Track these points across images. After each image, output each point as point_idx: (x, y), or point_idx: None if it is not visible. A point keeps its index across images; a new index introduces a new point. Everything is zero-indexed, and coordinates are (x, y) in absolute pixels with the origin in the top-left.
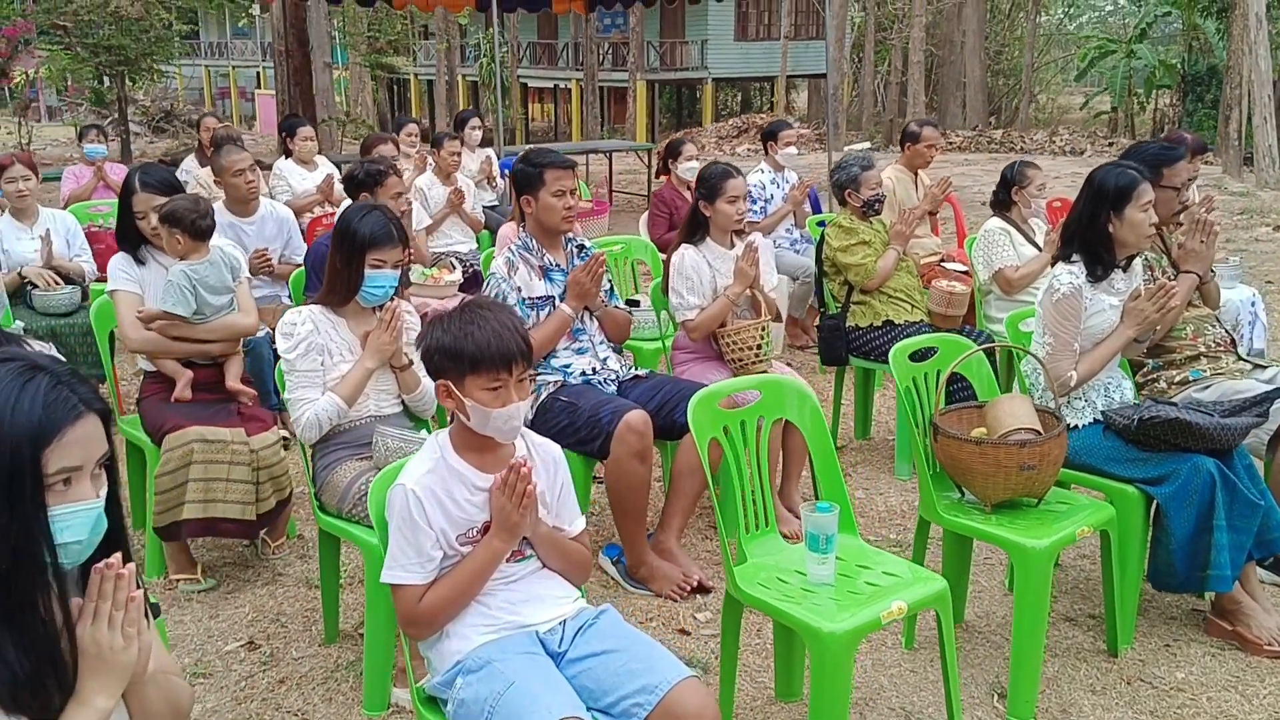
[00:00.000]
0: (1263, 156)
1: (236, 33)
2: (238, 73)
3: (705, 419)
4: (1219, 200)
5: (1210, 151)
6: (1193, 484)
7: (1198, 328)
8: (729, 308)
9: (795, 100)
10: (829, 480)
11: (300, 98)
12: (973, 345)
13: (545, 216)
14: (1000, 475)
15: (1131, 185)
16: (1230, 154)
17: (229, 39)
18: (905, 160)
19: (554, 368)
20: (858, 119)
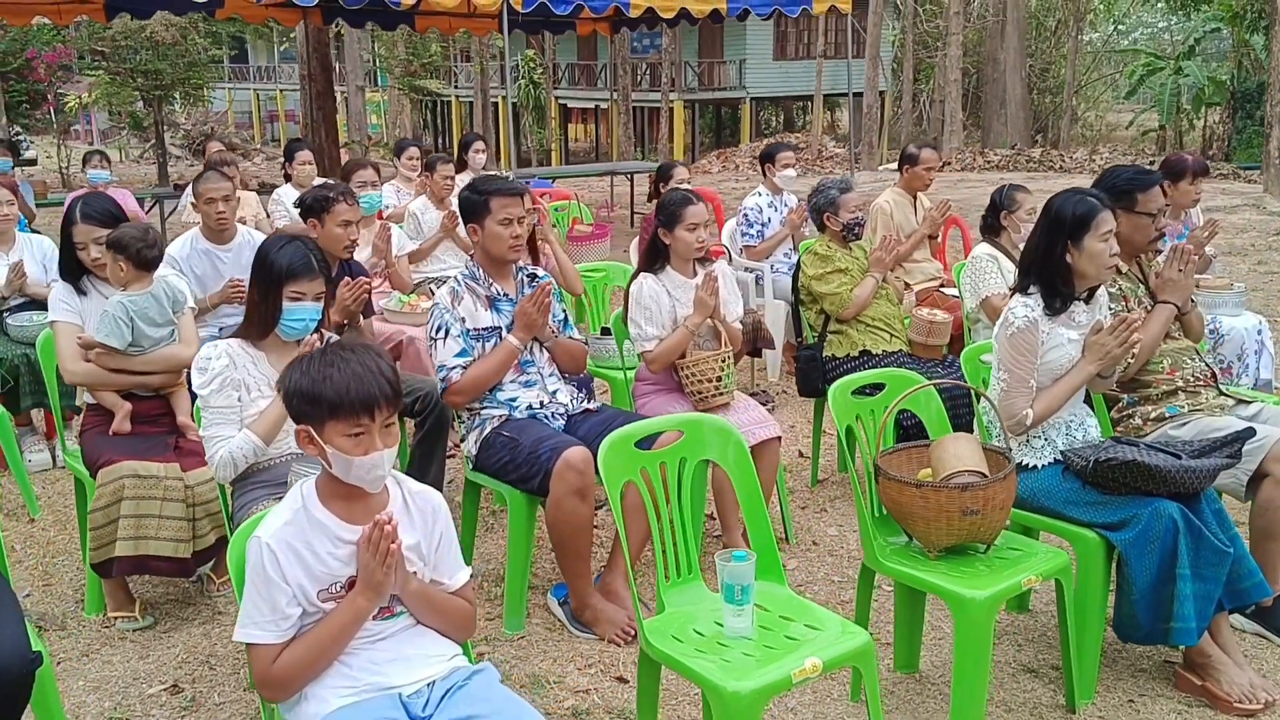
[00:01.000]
0: None
1: (284, 57)
2: (285, 96)
3: (619, 462)
4: (1254, 220)
5: (1257, 171)
6: (1154, 530)
7: (1176, 361)
8: (688, 339)
9: (840, 119)
10: (755, 525)
11: (323, 121)
12: (922, 380)
13: (491, 245)
14: (943, 520)
15: (1090, 214)
16: (1272, 172)
17: (276, 63)
18: (904, 183)
19: (499, 401)
20: (898, 137)
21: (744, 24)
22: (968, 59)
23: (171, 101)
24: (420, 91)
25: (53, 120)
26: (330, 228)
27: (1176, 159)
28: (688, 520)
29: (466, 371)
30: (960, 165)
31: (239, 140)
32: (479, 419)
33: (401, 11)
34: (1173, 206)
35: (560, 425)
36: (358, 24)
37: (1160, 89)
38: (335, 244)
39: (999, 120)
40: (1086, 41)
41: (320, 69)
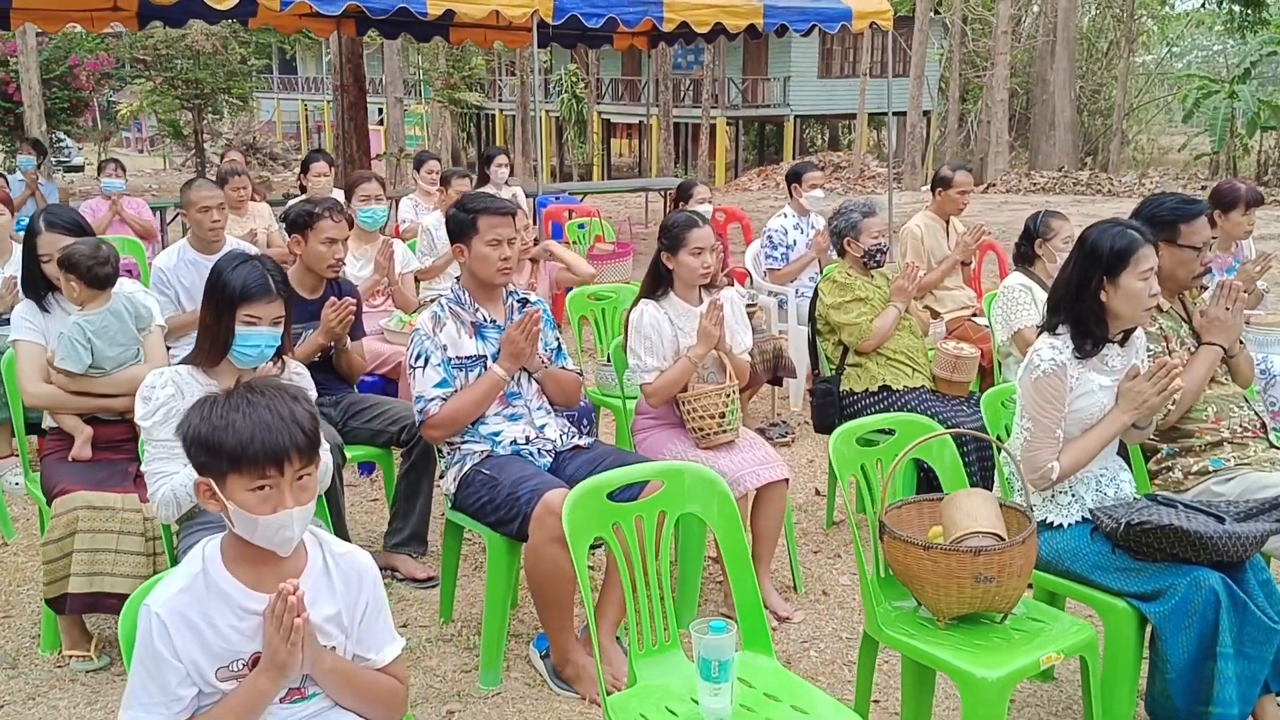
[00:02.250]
0: None
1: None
2: (331, 107)
3: (587, 516)
4: None
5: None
6: (1192, 602)
7: (1221, 409)
8: (691, 370)
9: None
10: (741, 589)
11: (355, 132)
12: (937, 427)
13: (479, 267)
14: (953, 587)
15: (1130, 248)
16: None
17: (324, 74)
18: (936, 207)
19: (482, 435)
20: (944, 157)
21: (789, 41)
22: (1017, 79)
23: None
24: (460, 104)
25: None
26: (314, 245)
27: (1228, 187)
28: (666, 581)
29: (446, 404)
30: (1005, 187)
31: (281, 150)
32: (459, 454)
33: (435, 23)
34: (1223, 238)
35: (546, 463)
36: (391, 35)
37: (1213, 113)
38: (319, 262)
39: (1048, 142)
40: (1140, 64)
41: (353, 80)
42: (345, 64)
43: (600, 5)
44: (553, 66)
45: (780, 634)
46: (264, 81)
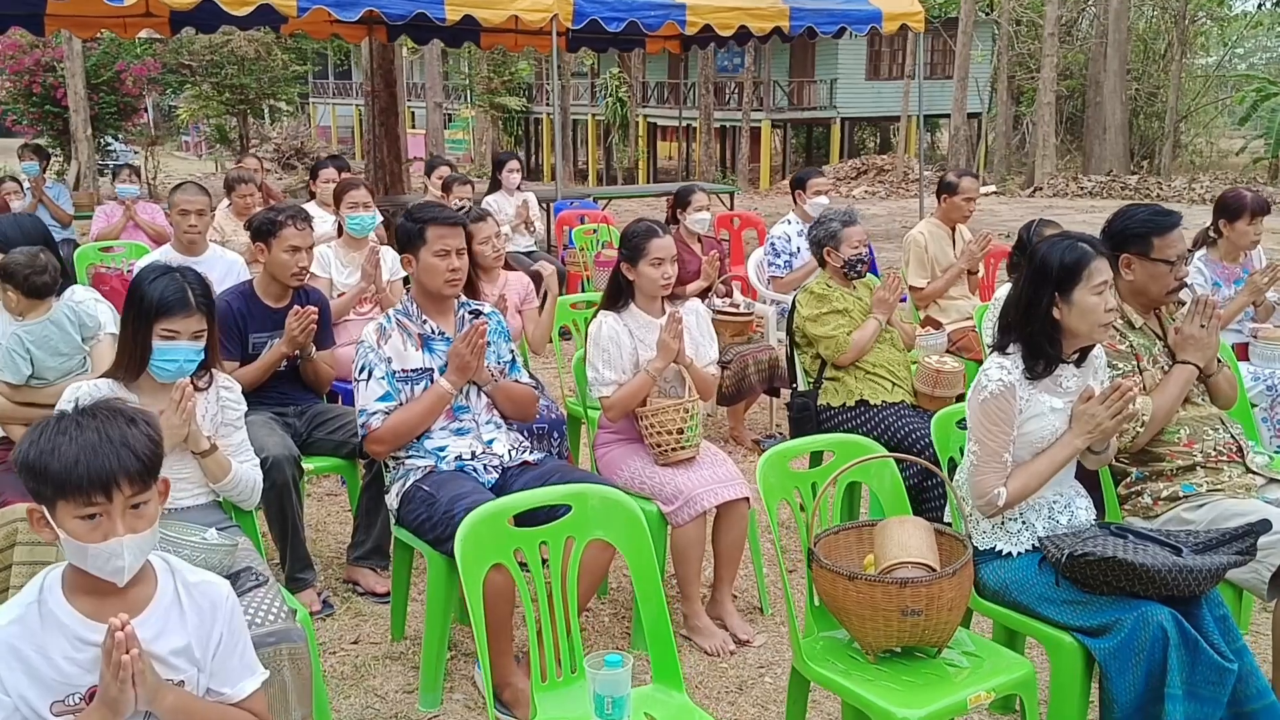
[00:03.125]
0: None
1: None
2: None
3: (483, 541)
4: None
5: None
6: (1139, 639)
7: (1195, 431)
8: (649, 384)
9: (939, 140)
10: (652, 620)
11: (385, 137)
12: (878, 448)
13: (426, 278)
14: (880, 620)
15: (1081, 262)
16: None
17: None
18: (941, 214)
19: (426, 450)
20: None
21: (835, 43)
22: (1072, 81)
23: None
24: (500, 109)
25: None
26: (277, 253)
27: (1233, 195)
28: (574, 610)
29: (389, 418)
30: (1052, 191)
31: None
32: (402, 469)
33: (464, 29)
34: (1229, 248)
35: (491, 480)
36: (423, 40)
37: (1271, 115)
38: (283, 270)
39: (1100, 145)
40: (1200, 65)
41: (384, 85)
42: (376, 69)
43: (621, 9)
44: (599, 70)
45: (738, 658)
46: (320, 87)
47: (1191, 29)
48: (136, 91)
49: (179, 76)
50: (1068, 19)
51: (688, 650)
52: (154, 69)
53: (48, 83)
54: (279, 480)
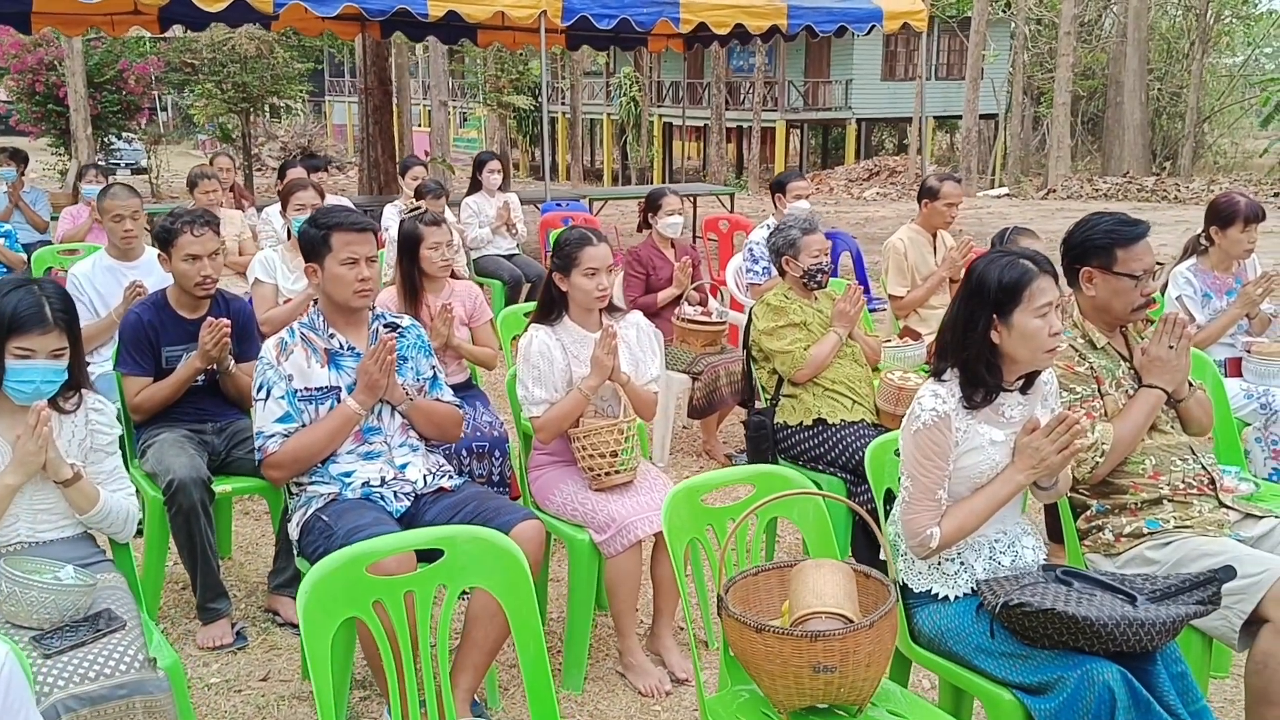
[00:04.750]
0: None
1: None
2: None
3: (336, 593)
4: None
5: None
6: (1083, 700)
7: (1161, 461)
8: (583, 403)
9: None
10: (531, 673)
11: (380, 136)
12: (803, 482)
13: (333, 289)
14: (790, 677)
15: (1021, 281)
16: None
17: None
18: (922, 219)
19: (331, 476)
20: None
21: (850, 43)
22: (1093, 81)
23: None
24: (508, 108)
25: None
26: (176, 263)
27: (1225, 201)
28: (444, 665)
29: (288, 440)
30: (1066, 193)
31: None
32: (305, 496)
33: (463, 27)
34: (1221, 257)
35: (401, 508)
36: (417, 38)
37: None
38: (185, 281)
39: (1120, 146)
40: (1225, 65)
41: (378, 82)
42: (370, 66)
43: (612, 6)
44: (614, 69)
45: (674, 699)
46: (335, 85)
47: (1215, 28)
48: (140, 90)
49: (182, 75)
50: (1089, 18)
51: (622, 690)
52: (157, 67)
53: (50, 82)
54: (185, 504)
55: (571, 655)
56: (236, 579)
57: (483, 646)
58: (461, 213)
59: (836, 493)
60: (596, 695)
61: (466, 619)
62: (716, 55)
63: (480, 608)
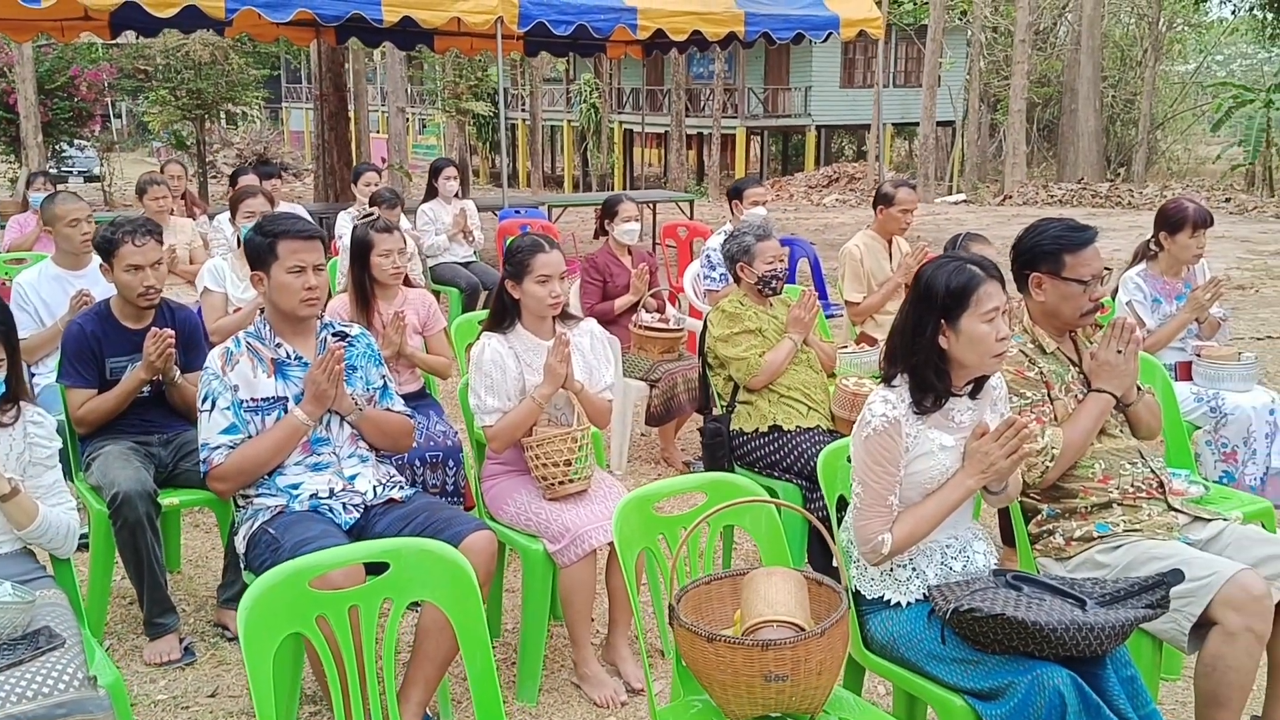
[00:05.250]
0: None
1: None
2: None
3: (277, 608)
4: None
5: None
6: (1034, 705)
7: (1111, 465)
8: (536, 412)
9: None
10: (480, 688)
11: (336, 142)
12: (756, 489)
13: (280, 298)
14: (741, 686)
15: (969, 287)
16: None
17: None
18: (878, 226)
19: (278, 489)
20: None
21: (810, 50)
22: (1048, 89)
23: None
24: (467, 114)
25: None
26: (119, 273)
27: (1174, 207)
28: (390, 681)
29: (234, 452)
30: (1022, 199)
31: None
32: (251, 509)
33: (419, 32)
34: (1171, 262)
35: (350, 520)
36: (373, 44)
37: (1248, 123)
38: (128, 292)
39: (1074, 152)
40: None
41: (333, 89)
42: (325, 72)
43: (569, 12)
44: (575, 75)
45: (629, 709)
46: (293, 92)
47: (1167, 35)
48: (92, 97)
49: (135, 81)
50: (1043, 26)
51: (577, 701)
52: (110, 74)
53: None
54: (130, 518)
55: (526, 666)
56: (185, 593)
57: (434, 659)
58: (418, 220)
59: (792, 499)
60: (551, 707)
61: (417, 632)
62: (676, 62)
63: (430, 621)
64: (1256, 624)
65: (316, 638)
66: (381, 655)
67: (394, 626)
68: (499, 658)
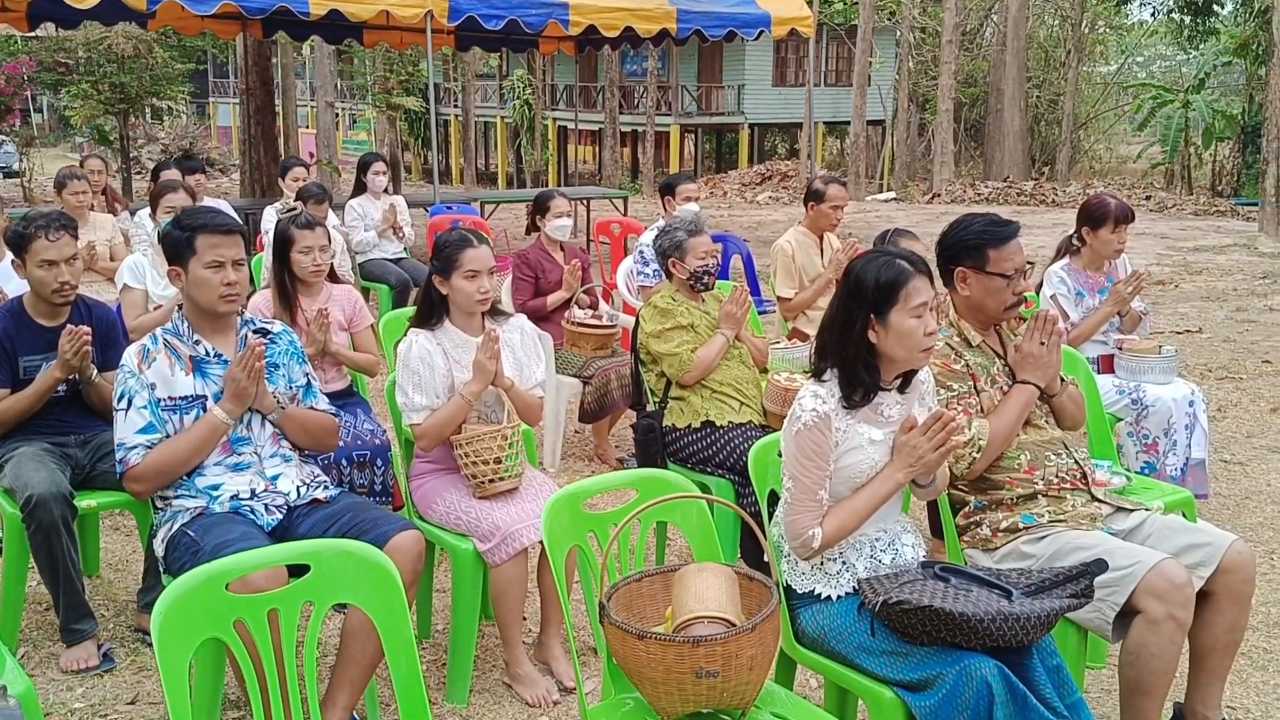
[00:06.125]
0: None
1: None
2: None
3: (193, 613)
4: (1243, 262)
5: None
6: (962, 696)
7: (1036, 457)
8: (465, 410)
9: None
10: (407, 693)
11: (262, 138)
12: (687, 485)
13: (198, 293)
14: (672, 684)
15: (898, 281)
16: (1267, 211)
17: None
18: (809, 222)
19: (198, 490)
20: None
21: (743, 49)
22: (975, 89)
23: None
24: (398, 110)
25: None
26: (31, 269)
27: (1096, 203)
28: (313, 687)
29: (151, 452)
30: (950, 198)
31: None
32: (170, 510)
33: (347, 26)
34: (1093, 257)
35: (273, 522)
36: (301, 37)
37: (1167, 123)
38: (41, 288)
39: (1000, 151)
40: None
41: (260, 83)
42: (252, 67)
43: (500, 7)
44: (508, 71)
45: (561, 708)
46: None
47: (1090, 37)
48: (10, 90)
49: (56, 75)
50: (970, 27)
51: (509, 701)
52: (29, 67)
53: None
54: (45, 521)
55: (456, 667)
56: (105, 597)
57: (359, 662)
58: (346, 215)
59: (725, 494)
60: (482, 708)
61: (342, 635)
62: (609, 59)
63: (355, 623)
64: (1178, 612)
65: (234, 643)
66: (303, 660)
67: (315, 630)
68: (430, 659)
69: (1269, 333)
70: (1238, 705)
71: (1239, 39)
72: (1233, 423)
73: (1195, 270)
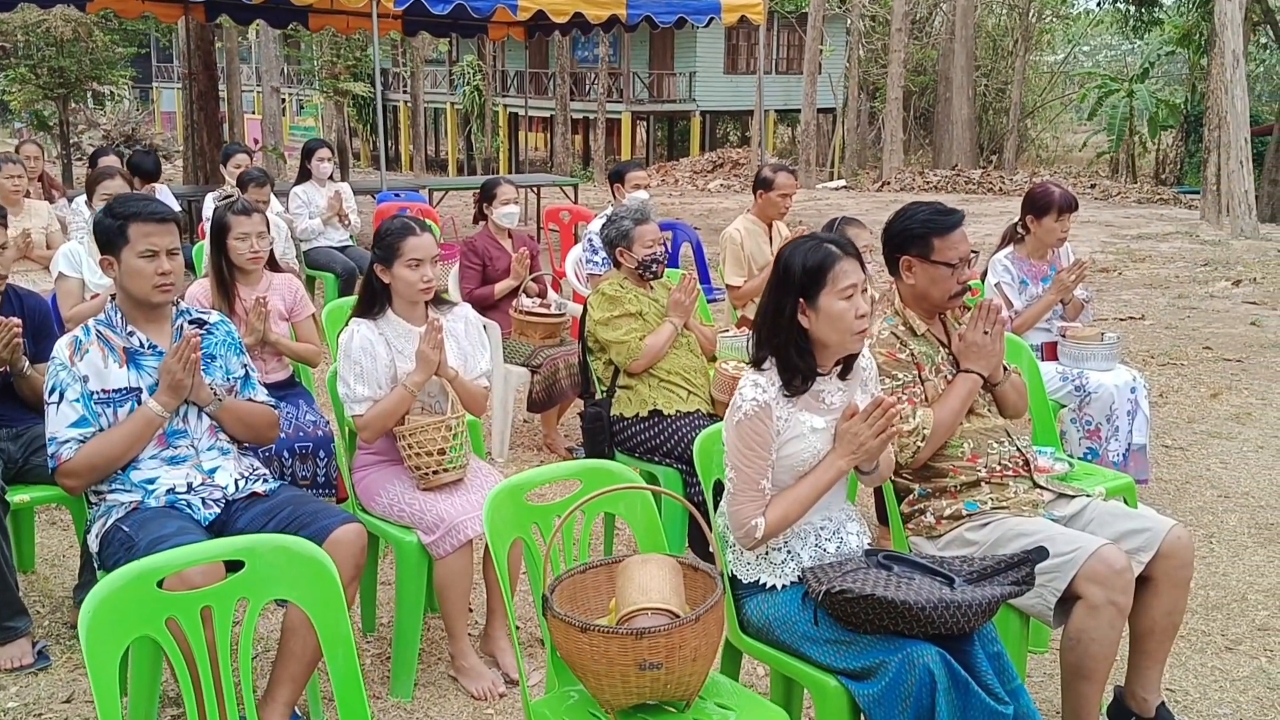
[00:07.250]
0: (1238, 203)
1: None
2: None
3: (124, 611)
4: (1184, 249)
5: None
6: (905, 683)
7: (979, 445)
8: (408, 400)
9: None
10: (345, 689)
11: (205, 123)
12: (632, 476)
13: (132, 283)
14: (616, 676)
15: (825, 264)
16: (1208, 199)
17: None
18: (757, 210)
19: (133, 484)
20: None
21: (695, 36)
22: (924, 77)
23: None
24: (345, 95)
25: None
26: None
27: (1040, 191)
28: (248, 686)
29: (84, 446)
30: (899, 186)
31: (162, 141)
32: (105, 505)
33: (292, 10)
34: (1037, 245)
35: (210, 516)
36: (244, 21)
37: (1112, 112)
38: None
39: (949, 140)
40: (1048, 63)
41: (203, 68)
42: (194, 51)
43: None
44: (457, 57)
45: (507, 701)
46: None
47: (1037, 26)
48: None
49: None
50: (920, 16)
51: (454, 694)
52: None
53: None
54: None
55: (400, 661)
56: (40, 593)
57: (299, 658)
58: (290, 203)
59: (673, 484)
60: (427, 701)
61: (282, 630)
62: (560, 45)
63: (294, 619)
64: (1118, 597)
65: (166, 641)
66: (238, 657)
67: (250, 626)
68: (375, 652)
69: (1209, 319)
70: (1176, 687)
71: (1182, 29)
72: (1174, 408)
73: (1138, 258)
